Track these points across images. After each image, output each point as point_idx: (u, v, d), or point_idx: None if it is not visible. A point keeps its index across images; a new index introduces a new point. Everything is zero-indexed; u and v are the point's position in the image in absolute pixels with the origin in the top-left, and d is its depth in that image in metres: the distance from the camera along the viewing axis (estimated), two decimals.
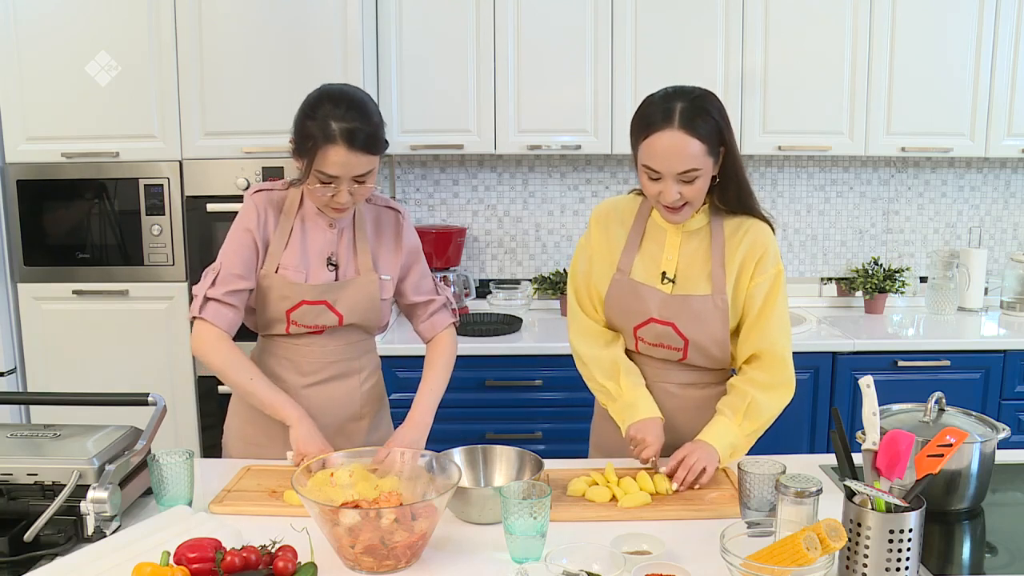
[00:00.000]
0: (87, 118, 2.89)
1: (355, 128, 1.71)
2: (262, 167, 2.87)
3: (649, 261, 1.87)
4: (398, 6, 3.11)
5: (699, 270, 1.84)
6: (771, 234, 1.85)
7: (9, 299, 2.97)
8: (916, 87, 3.18)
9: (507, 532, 1.43)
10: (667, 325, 1.85)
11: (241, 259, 1.85)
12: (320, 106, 1.73)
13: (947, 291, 3.43)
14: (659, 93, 1.75)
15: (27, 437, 1.63)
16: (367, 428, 2.02)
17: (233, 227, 1.88)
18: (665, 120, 1.68)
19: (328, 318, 1.89)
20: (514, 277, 3.62)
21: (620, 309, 1.89)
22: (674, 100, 1.70)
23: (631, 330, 1.90)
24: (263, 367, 1.94)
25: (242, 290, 1.85)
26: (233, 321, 1.86)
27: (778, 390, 1.83)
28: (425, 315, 2.05)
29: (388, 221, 1.97)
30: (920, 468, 1.33)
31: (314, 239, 1.89)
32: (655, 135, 1.69)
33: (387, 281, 1.93)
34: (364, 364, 2.00)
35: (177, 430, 3.00)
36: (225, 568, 1.29)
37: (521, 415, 3.04)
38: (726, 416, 1.82)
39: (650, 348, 1.90)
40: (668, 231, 1.87)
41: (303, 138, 1.74)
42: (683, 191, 1.72)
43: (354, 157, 1.72)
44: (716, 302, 1.82)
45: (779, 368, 1.83)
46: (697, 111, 1.68)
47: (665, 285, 1.85)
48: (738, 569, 1.29)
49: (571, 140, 3.20)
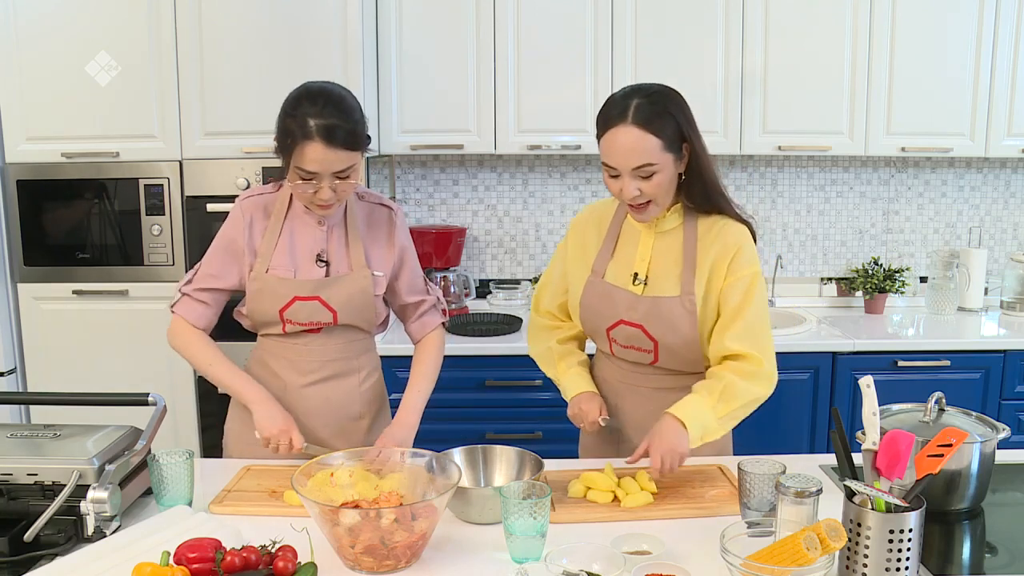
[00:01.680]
0: (87, 118, 2.89)
1: (332, 124, 1.71)
2: (262, 167, 2.87)
3: (623, 263, 1.87)
4: (398, 6, 3.11)
5: (670, 271, 1.82)
6: (746, 234, 1.81)
7: (9, 299, 2.97)
8: (916, 87, 3.18)
9: (507, 532, 1.43)
10: (636, 327, 1.83)
11: (218, 260, 1.91)
12: (299, 104, 1.74)
13: (947, 291, 3.43)
14: (620, 92, 1.76)
15: (27, 437, 1.63)
16: (367, 428, 2.02)
17: (218, 233, 1.93)
18: (620, 117, 1.69)
19: (322, 315, 1.89)
20: (514, 277, 3.62)
21: (593, 311, 1.89)
22: (632, 97, 1.71)
23: (604, 332, 1.89)
24: (263, 367, 1.95)
25: (215, 289, 1.91)
26: (202, 315, 1.91)
27: (757, 379, 1.76)
28: (415, 315, 2.05)
29: (381, 218, 1.97)
30: (920, 468, 1.33)
31: (303, 237, 1.90)
32: (611, 131, 1.71)
33: (380, 277, 1.93)
34: (363, 364, 2.00)
35: (177, 430, 3.00)
36: (225, 568, 1.29)
37: (521, 415, 3.04)
38: (700, 394, 1.75)
39: (623, 351, 1.89)
40: (642, 232, 1.86)
41: (283, 135, 1.76)
42: (642, 187, 1.72)
43: (332, 153, 1.72)
44: (684, 303, 1.79)
45: (758, 362, 1.76)
46: (653, 107, 1.69)
47: (636, 286, 1.83)
48: (738, 569, 1.29)
49: (571, 140, 3.20)
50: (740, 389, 1.74)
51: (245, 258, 1.89)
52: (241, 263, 1.90)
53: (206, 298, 1.91)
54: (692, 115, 1.75)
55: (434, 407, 2.03)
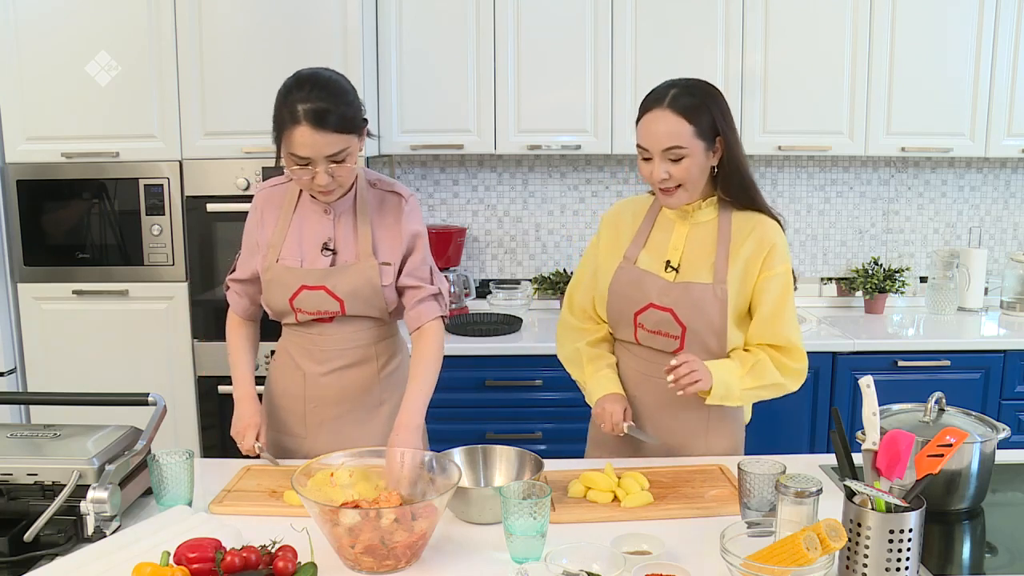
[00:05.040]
0: (87, 118, 2.89)
1: (320, 108, 1.71)
2: (262, 167, 2.87)
3: (655, 251, 1.90)
4: (398, 7, 3.11)
5: (703, 260, 1.86)
6: (780, 232, 1.87)
7: (9, 299, 2.97)
8: (916, 87, 3.18)
9: (507, 532, 1.43)
10: (666, 311, 1.85)
11: (245, 253, 1.99)
12: (289, 91, 1.76)
13: (947, 291, 3.43)
14: (663, 84, 1.84)
15: (27, 437, 1.63)
16: (388, 414, 1.96)
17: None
18: (657, 102, 1.79)
19: (329, 304, 1.89)
20: (514, 277, 3.62)
21: (622, 296, 1.91)
22: (671, 87, 1.81)
23: (631, 316, 1.90)
24: (286, 357, 2.00)
25: (243, 280, 1.99)
26: (240, 304, 2.01)
27: (789, 372, 1.85)
28: (412, 302, 1.96)
29: (391, 206, 1.94)
30: (920, 468, 1.33)
31: (310, 227, 1.91)
32: (648, 115, 1.80)
33: (387, 267, 1.91)
34: (381, 351, 1.98)
35: (177, 430, 3.00)
36: (225, 568, 1.29)
37: (521, 415, 3.04)
38: (733, 361, 1.83)
39: (648, 336, 1.90)
40: (676, 223, 1.90)
41: (276, 123, 1.78)
42: (671, 171, 1.78)
43: (321, 137, 1.72)
44: (716, 292, 1.83)
45: (798, 357, 1.85)
46: (691, 97, 1.78)
47: (668, 273, 1.87)
48: (738, 569, 1.29)
49: (571, 140, 3.20)
50: (770, 371, 1.83)
51: (259, 251, 1.94)
52: (256, 257, 1.95)
53: (239, 289, 2.00)
54: (729, 111, 1.83)
55: (434, 407, 2.02)
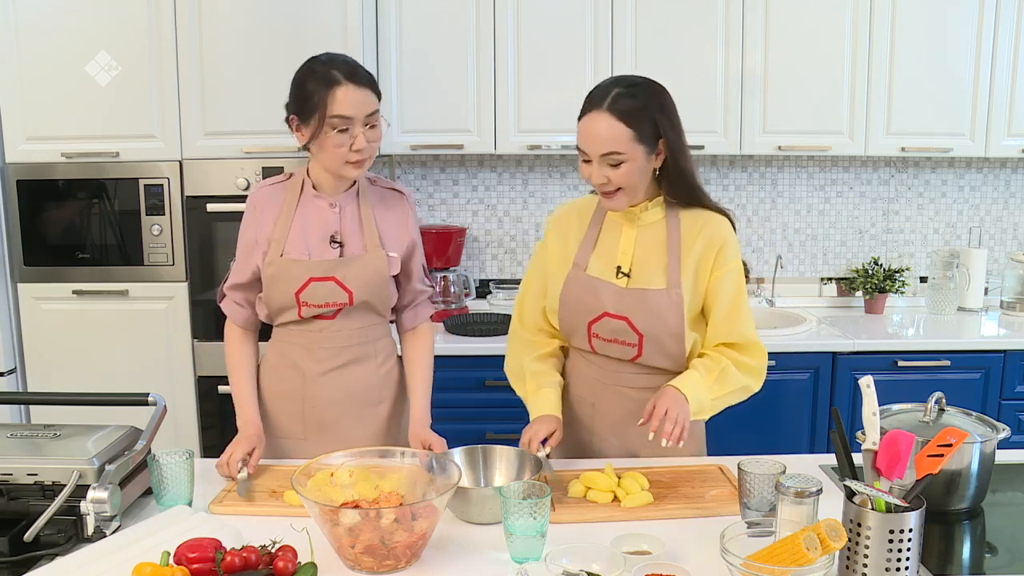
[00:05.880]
0: (87, 118, 2.89)
1: (352, 66, 1.82)
2: (262, 167, 2.87)
3: (605, 256, 1.86)
4: (398, 7, 3.11)
5: (655, 264, 1.82)
6: (729, 227, 1.83)
7: (9, 299, 2.97)
8: (916, 87, 3.18)
9: (507, 532, 1.43)
10: (621, 319, 1.82)
11: (239, 258, 1.96)
12: (313, 68, 1.82)
13: (947, 291, 3.43)
14: (606, 80, 1.78)
15: (27, 437, 1.63)
16: (387, 413, 2.01)
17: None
18: (598, 103, 1.72)
19: (338, 295, 1.89)
20: (514, 277, 3.62)
21: (574, 305, 1.87)
22: (614, 87, 1.73)
23: (585, 327, 1.87)
24: (282, 359, 1.97)
25: (239, 285, 1.97)
26: (238, 312, 1.99)
27: (751, 371, 1.82)
28: (412, 300, 2.05)
29: (394, 201, 2.00)
30: (920, 468, 1.33)
31: (316, 221, 1.92)
32: (587, 116, 1.74)
33: (394, 258, 1.94)
34: (379, 349, 2.00)
35: (177, 430, 3.00)
36: (225, 568, 1.29)
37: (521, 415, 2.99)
38: (699, 372, 1.78)
39: (604, 345, 1.87)
40: (624, 225, 1.86)
41: (306, 98, 1.80)
42: (610, 175, 1.74)
43: (360, 93, 1.79)
44: (671, 296, 1.80)
45: (757, 353, 1.83)
46: (632, 99, 1.71)
47: (620, 279, 1.83)
48: (738, 569, 1.29)
49: (571, 140, 3.15)
50: (734, 377, 1.80)
51: (259, 249, 1.92)
52: (255, 256, 1.93)
53: (238, 298, 1.98)
54: (674, 111, 1.76)
55: (434, 407, 2.03)
